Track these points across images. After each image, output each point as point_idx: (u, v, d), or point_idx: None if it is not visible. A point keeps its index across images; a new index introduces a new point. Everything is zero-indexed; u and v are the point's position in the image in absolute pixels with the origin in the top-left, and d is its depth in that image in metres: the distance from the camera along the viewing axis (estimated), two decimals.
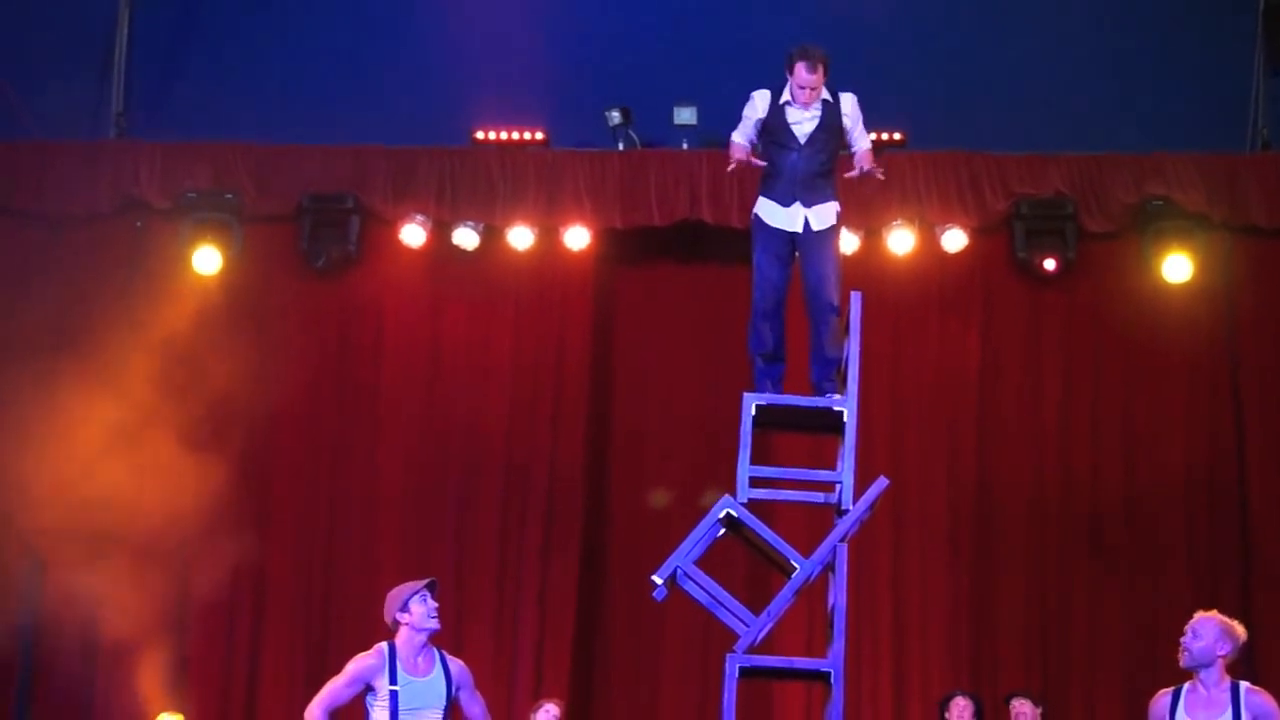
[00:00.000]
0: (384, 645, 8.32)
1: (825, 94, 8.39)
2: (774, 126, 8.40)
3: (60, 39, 12.76)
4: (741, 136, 8.49)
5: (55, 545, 11.43)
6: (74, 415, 11.54)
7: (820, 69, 8.32)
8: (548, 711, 10.94)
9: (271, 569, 12.40)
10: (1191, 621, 7.91)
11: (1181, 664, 7.85)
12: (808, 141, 8.35)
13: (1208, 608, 8.21)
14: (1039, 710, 10.73)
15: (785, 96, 8.39)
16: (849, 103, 8.51)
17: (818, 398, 8.10)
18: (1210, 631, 7.79)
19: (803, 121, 8.35)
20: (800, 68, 8.31)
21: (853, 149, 8.48)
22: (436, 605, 8.34)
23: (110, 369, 11.64)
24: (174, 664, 11.92)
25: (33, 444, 11.50)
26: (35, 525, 11.53)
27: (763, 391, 8.12)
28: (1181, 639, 7.86)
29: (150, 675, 11.78)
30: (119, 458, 11.44)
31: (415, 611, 8.24)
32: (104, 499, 11.28)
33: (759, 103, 8.47)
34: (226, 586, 12.23)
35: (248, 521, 12.26)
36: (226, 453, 11.68)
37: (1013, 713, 10.73)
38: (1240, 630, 7.85)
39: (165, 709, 11.71)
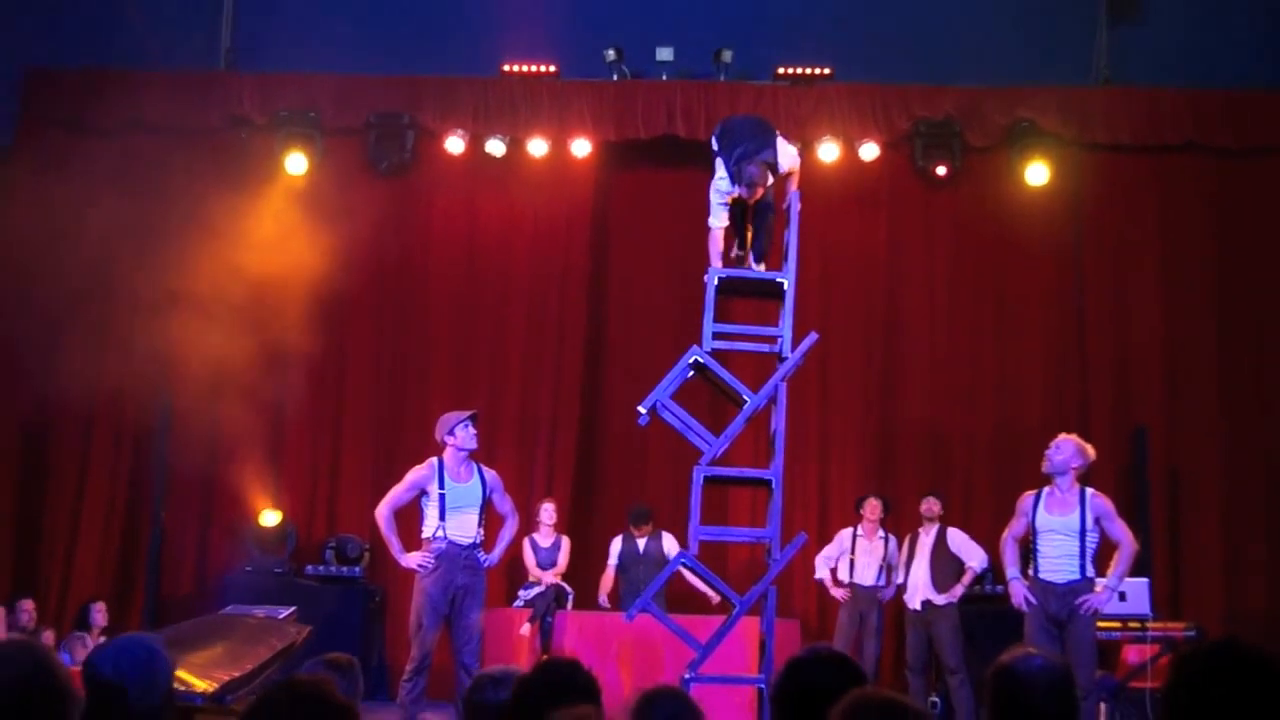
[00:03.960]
0: (434, 459, 8.31)
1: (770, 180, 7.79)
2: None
3: None
4: (719, 223, 7.85)
5: (182, 384, 11.33)
6: (194, 285, 11.39)
7: (760, 189, 7.69)
8: (547, 509, 10.97)
9: (348, 399, 12.37)
10: (1055, 439, 7.93)
11: (1043, 470, 7.88)
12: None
13: (1063, 430, 8.24)
14: (941, 502, 10.76)
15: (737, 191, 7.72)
16: (788, 161, 7.85)
17: (765, 271, 8.03)
18: (1069, 448, 7.81)
19: None
20: (741, 191, 7.69)
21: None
22: (476, 431, 8.30)
23: (222, 248, 11.46)
24: (273, 472, 11.91)
25: (164, 309, 11.37)
26: (168, 371, 11.42)
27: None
28: (1046, 451, 7.87)
29: (255, 480, 11.77)
30: (231, 316, 11.35)
31: (459, 435, 8.22)
32: (218, 348, 11.18)
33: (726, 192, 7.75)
34: (312, 412, 12.25)
35: (329, 364, 12.26)
36: (312, 312, 11.58)
37: (923, 507, 10.74)
38: (1091, 450, 7.86)
39: (267, 506, 11.73)
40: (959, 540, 10.56)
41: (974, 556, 10.47)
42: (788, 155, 7.88)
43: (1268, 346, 12.03)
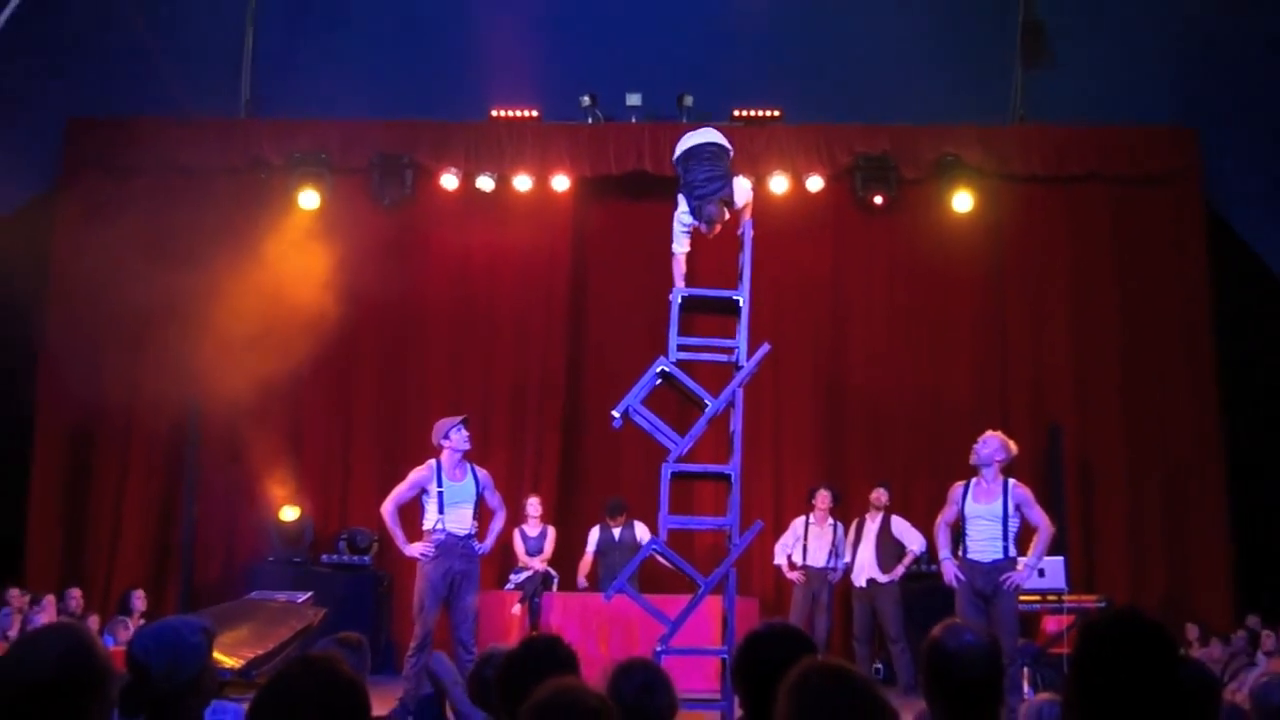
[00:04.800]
0: (433, 460, 8.27)
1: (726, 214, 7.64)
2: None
3: (205, 47, 12.36)
4: (681, 249, 7.76)
5: (210, 395, 11.27)
6: (220, 306, 11.34)
7: (718, 225, 7.56)
8: (533, 503, 10.94)
9: (357, 405, 12.32)
10: (982, 435, 7.92)
11: (971, 462, 7.87)
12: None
13: (992, 428, 8.23)
14: (888, 493, 10.80)
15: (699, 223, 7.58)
16: (742, 196, 7.70)
17: (722, 290, 7.98)
18: (994, 443, 7.80)
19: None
20: (701, 227, 7.59)
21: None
22: (468, 434, 8.28)
23: (244, 273, 11.46)
24: (292, 473, 11.83)
25: (194, 328, 11.30)
26: (196, 386, 11.33)
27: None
28: (974, 445, 7.87)
29: (277, 480, 11.71)
30: (252, 334, 11.25)
31: (454, 438, 8.19)
32: (241, 363, 11.10)
33: (688, 224, 7.63)
34: (325, 418, 12.22)
35: (339, 376, 12.22)
36: (323, 331, 11.50)
37: (873, 496, 10.79)
38: (1013, 445, 7.86)
39: (287, 503, 11.67)
40: (901, 526, 10.61)
41: (914, 541, 10.51)
42: (742, 191, 7.86)
43: (1164, 354, 12.08)
